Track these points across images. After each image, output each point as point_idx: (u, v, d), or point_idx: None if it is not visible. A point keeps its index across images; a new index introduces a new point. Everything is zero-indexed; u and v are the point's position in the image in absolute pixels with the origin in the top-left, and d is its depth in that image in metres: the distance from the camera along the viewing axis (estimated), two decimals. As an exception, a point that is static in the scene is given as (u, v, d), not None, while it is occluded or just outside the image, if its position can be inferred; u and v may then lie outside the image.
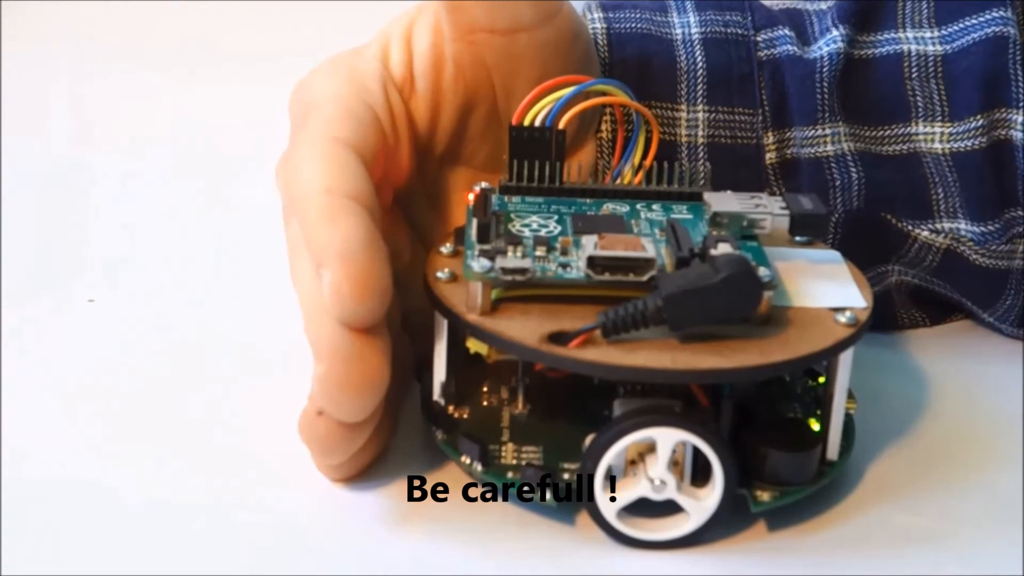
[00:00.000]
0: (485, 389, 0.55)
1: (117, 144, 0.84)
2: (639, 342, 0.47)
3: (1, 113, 0.85)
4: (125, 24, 0.91)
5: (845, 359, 0.50)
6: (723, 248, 0.49)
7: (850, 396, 0.54)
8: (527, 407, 0.54)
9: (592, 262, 0.48)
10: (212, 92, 0.88)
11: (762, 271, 0.48)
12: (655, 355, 0.46)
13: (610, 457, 0.47)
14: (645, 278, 0.48)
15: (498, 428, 0.52)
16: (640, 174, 0.57)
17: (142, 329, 0.64)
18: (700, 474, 0.49)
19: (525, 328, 0.48)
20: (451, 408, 0.53)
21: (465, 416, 0.53)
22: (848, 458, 0.52)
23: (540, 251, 0.50)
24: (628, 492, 0.48)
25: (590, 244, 0.49)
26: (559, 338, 0.47)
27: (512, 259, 0.49)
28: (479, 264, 0.48)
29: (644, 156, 0.56)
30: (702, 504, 0.48)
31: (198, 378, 0.59)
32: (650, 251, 0.48)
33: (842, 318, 0.49)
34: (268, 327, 0.64)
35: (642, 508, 0.48)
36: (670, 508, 0.49)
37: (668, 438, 0.47)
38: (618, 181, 0.57)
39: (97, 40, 0.90)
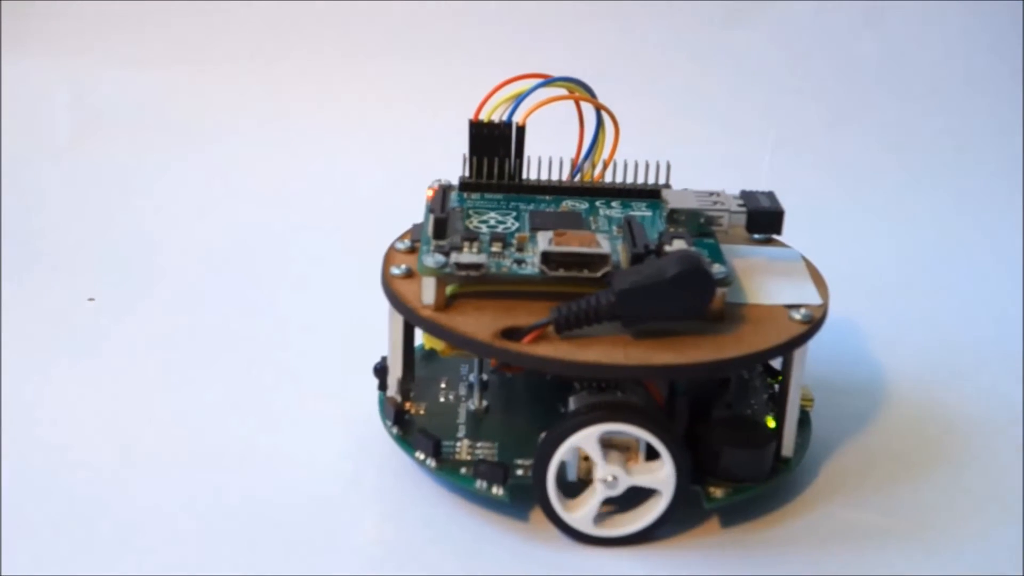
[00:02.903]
0: (443, 385, 0.55)
1: (117, 144, 0.84)
2: (593, 338, 0.47)
3: (1, 113, 0.85)
4: (125, 24, 0.91)
5: (800, 356, 0.50)
6: (678, 245, 0.49)
7: (807, 393, 0.54)
8: (484, 403, 0.54)
9: (546, 258, 0.48)
10: (214, 91, 0.88)
11: (716, 268, 0.48)
12: (608, 351, 0.46)
13: (562, 453, 0.47)
14: (599, 274, 0.48)
15: (454, 424, 0.52)
16: (602, 171, 0.57)
17: (145, 327, 0.63)
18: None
19: (479, 324, 0.48)
20: (408, 404, 0.53)
21: (422, 412, 0.53)
22: (804, 455, 0.52)
23: (496, 247, 0.50)
24: (590, 503, 0.48)
25: (544, 240, 0.48)
26: (513, 334, 0.47)
27: (467, 255, 0.48)
28: (433, 259, 0.48)
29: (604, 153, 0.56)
30: (659, 476, 0.48)
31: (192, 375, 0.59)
32: (605, 247, 0.48)
33: (797, 315, 0.49)
34: (267, 324, 0.64)
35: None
36: (624, 504, 0.49)
37: (620, 434, 0.47)
38: (579, 178, 0.57)
39: (97, 40, 0.90)
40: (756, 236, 0.56)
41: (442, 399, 0.54)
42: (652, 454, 0.48)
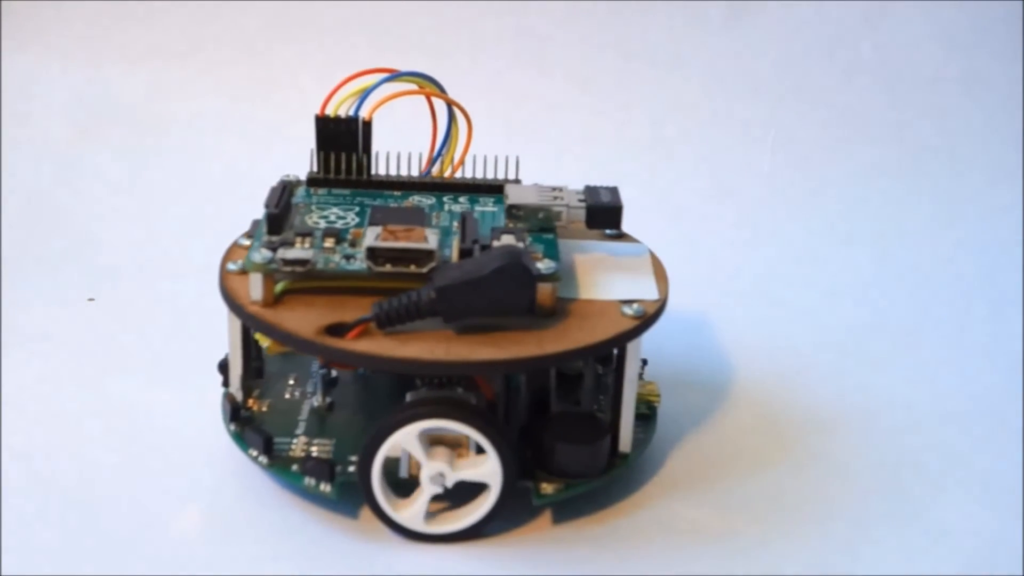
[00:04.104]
0: (292, 382, 0.55)
1: (117, 144, 0.83)
2: (418, 333, 0.47)
3: (1, 113, 0.84)
4: (125, 24, 0.90)
5: (633, 350, 0.49)
6: (506, 240, 0.49)
7: (654, 390, 0.54)
8: (328, 400, 0.53)
9: (373, 253, 0.48)
10: (215, 91, 0.87)
11: (545, 263, 0.48)
12: (429, 347, 0.46)
13: (386, 450, 0.47)
14: (426, 270, 0.48)
15: (295, 421, 0.52)
16: (456, 166, 0.56)
17: (145, 328, 0.63)
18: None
19: (305, 320, 0.47)
20: (251, 401, 0.53)
21: (265, 408, 0.53)
22: (644, 451, 0.52)
23: (328, 243, 0.50)
24: (419, 501, 0.48)
25: (372, 235, 0.48)
26: (337, 330, 0.47)
27: (293, 250, 0.48)
28: (260, 255, 0.48)
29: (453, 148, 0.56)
30: (484, 469, 0.47)
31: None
32: (431, 243, 0.48)
33: (629, 310, 0.49)
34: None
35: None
36: (454, 501, 0.48)
37: (444, 431, 0.47)
38: (432, 173, 0.56)
39: (97, 40, 0.90)
40: (608, 232, 0.56)
41: (287, 396, 0.54)
42: (482, 448, 0.48)
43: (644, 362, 0.57)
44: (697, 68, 0.90)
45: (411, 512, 0.48)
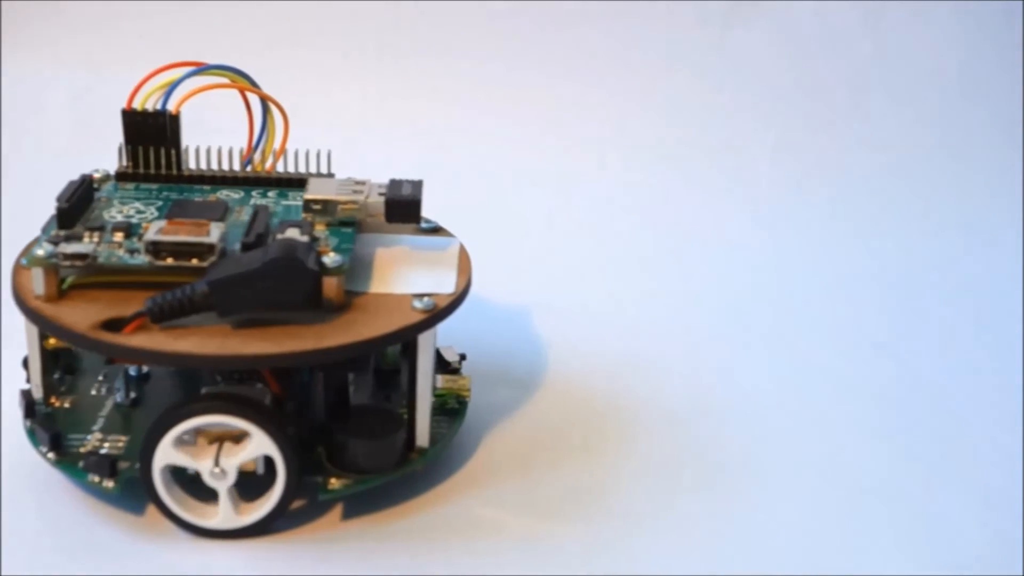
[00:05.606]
0: (101, 378, 0.54)
1: (117, 144, 0.82)
2: (195, 328, 0.46)
3: (1, 113, 0.84)
4: (125, 24, 0.89)
5: (425, 344, 0.49)
6: (290, 233, 0.48)
7: (465, 384, 0.54)
8: (132, 395, 0.53)
9: (155, 247, 0.47)
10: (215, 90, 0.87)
11: (331, 257, 0.48)
12: (203, 341, 0.46)
13: (167, 444, 0.46)
14: (206, 264, 0.47)
15: (94, 417, 0.52)
16: (274, 161, 0.56)
17: None
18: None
19: (84, 315, 0.47)
20: (54, 398, 0.52)
21: (67, 405, 0.52)
22: (446, 446, 0.52)
23: (118, 237, 0.49)
24: (182, 458, 0.47)
25: (154, 229, 0.48)
26: (115, 325, 0.46)
27: (75, 244, 0.48)
28: (43, 249, 0.47)
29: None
30: (245, 517, 0.47)
31: None
32: (212, 236, 0.47)
33: (419, 304, 0.49)
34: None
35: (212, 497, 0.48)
36: (242, 496, 0.48)
37: (221, 425, 0.46)
38: (250, 168, 0.56)
39: (97, 40, 0.89)
40: (424, 226, 0.55)
41: (93, 392, 0.53)
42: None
43: (462, 357, 0.56)
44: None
45: (224, 515, 0.47)
